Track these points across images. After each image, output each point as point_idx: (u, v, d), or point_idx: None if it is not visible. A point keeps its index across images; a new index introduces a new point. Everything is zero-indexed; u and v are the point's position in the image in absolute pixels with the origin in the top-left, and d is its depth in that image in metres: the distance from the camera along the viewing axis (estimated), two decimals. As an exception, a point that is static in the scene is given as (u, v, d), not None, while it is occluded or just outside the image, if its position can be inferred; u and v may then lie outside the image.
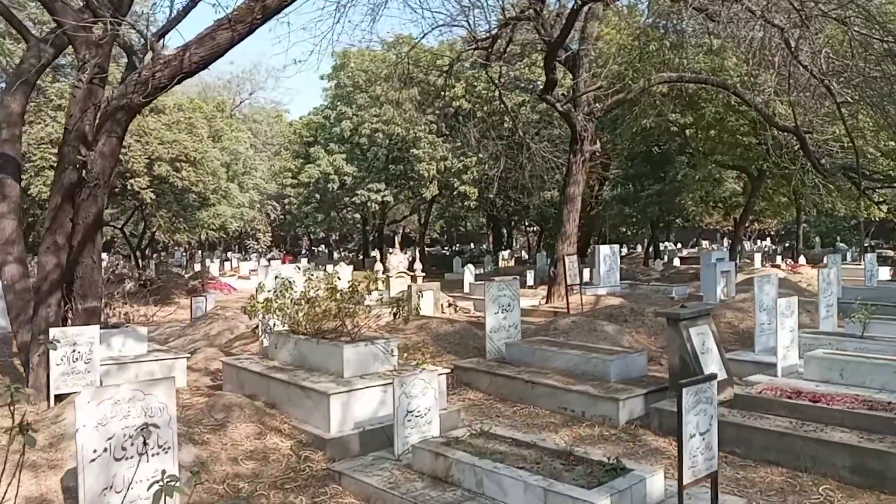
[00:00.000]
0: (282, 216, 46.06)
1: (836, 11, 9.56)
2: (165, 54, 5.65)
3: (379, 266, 21.33)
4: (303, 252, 52.24)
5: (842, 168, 15.64)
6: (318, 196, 36.21)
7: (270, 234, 50.98)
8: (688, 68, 15.95)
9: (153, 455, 4.17)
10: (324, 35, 27.43)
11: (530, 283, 21.98)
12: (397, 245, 25.79)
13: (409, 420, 5.37)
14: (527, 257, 38.84)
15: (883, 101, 11.25)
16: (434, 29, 14.71)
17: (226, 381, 7.37)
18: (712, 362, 6.89)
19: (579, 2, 12.61)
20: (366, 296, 7.48)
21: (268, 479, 5.11)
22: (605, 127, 22.56)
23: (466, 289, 21.10)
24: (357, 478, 4.94)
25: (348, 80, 34.37)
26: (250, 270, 29.18)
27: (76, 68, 6.68)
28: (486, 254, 38.68)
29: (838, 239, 42.92)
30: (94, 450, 3.99)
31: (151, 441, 4.08)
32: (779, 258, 33.63)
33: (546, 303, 15.68)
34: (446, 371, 6.77)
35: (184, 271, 32.19)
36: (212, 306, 15.73)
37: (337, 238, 60.60)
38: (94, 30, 5.94)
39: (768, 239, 54.12)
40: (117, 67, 14.45)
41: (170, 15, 7.23)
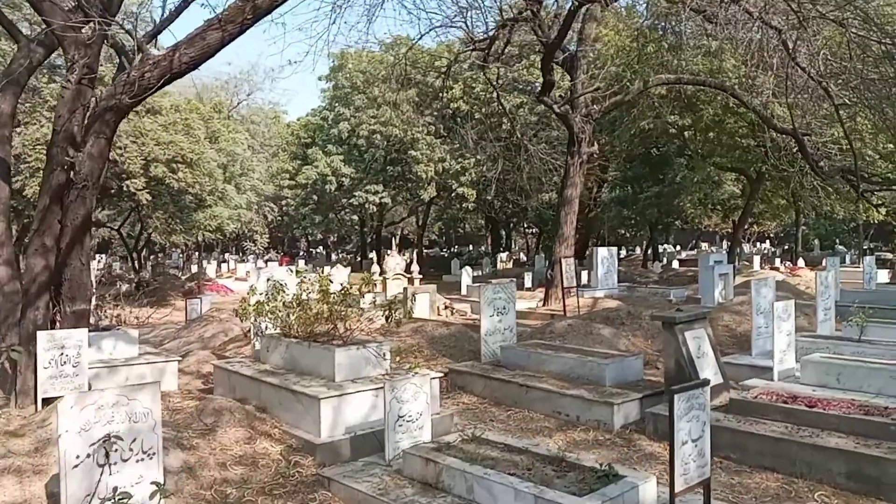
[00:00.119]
0: (279, 218, 45.98)
1: (833, 13, 9.51)
2: (155, 54, 5.57)
3: (375, 268, 21.24)
4: (301, 254, 52.14)
5: (840, 170, 15.59)
6: (315, 197, 36.15)
7: (268, 235, 50.90)
8: (686, 70, 15.91)
9: (138, 461, 4.11)
10: (319, 36, 27.18)
11: (528, 285, 21.91)
12: (394, 247, 25.72)
13: (401, 425, 5.31)
14: (525, 259, 38.76)
15: (881, 104, 11.18)
16: (431, 30, 14.69)
17: (217, 384, 7.30)
18: (708, 366, 6.82)
19: (576, 2, 12.55)
20: (360, 299, 7.42)
21: (256, 484, 5.05)
22: (604, 129, 22.51)
23: (464, 291, 21.01)
24: (346, 484, 4.87)
25: (346, 81, 34.31)
26: (247, 272, 29.12)
27: (65, 69, 6.62)
28: (484, 256, 38.59)
29: (838, 241, 42.83)
30: (77, 455, 3.93)
31: (119, 452, 3.99)
32: (778, 261, 33.56)
33: (543, 305, 15.62)
34: (439, 375, 6.70)
35: (181, 273, 32.17)
36: (207, 308, 15.69)
37: (335, 240, 60.53)
38: (83, 30, 5.88)
39: (768, 241, 54.04)
40: (112, 68, 14.40)
41: (162, 15, 7.16)
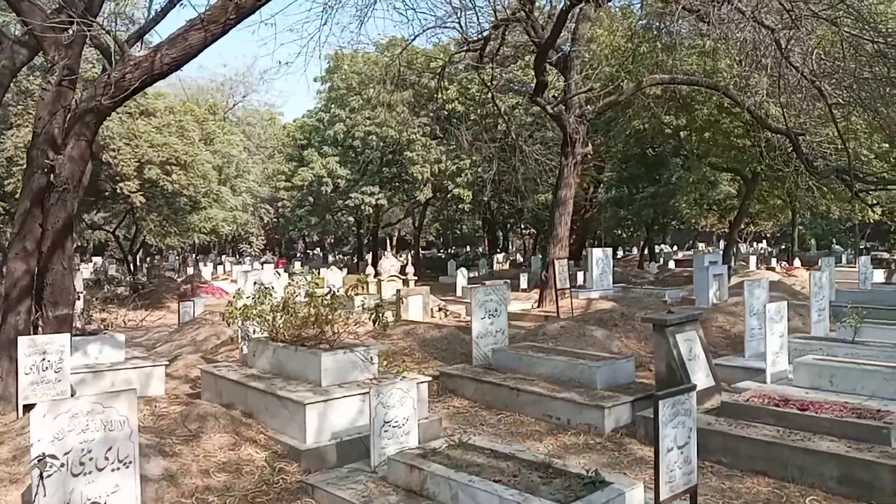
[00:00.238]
0: (275, 219, 45.86)
1: (826, 12, 9.45)
2: (136, 55, 5.49)
3: (370, 270, 21.15)
4: (298, 255, 52.04)
5: (835, 170, 15.51)
6: (311, 199, 36.05)
7: (264, 237, 50.79)
8: (680, 70, 15.84)
9: (113, 470, 4.02)
10: (311, 37, 27.23)
11: (524, 286, 21.81)
12: (389, 248, 25.63)
13: (386, 431, 5.22)
14: (522, 260, 38.71)
15: (875, 103, 11.13)
16: (424, 31, 14.70)
17: (204, 389, 7.21)
18: (699, 369, 6.75)
19: (569, 2, 12.49)
20: (349, 302, 7.33)
21: (239, 492, 4.96)
22: (599, 129, 22.46)
23: (459, 292, 20.92)
24: (330, 491, 4.79)
25: (342, 82, 34.24)
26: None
27: (45, 70, 6.53)
28: (481, 257, 38.52)
29: (834, 241, 42.84)
30: (50, 465, 3.84)
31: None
32: (774, 261, 33.53)
33: (537, 307, 15.54)
34: (427, 379, 6.61)
35: (177, 275, 32.05)
36: (201, 311, 15.56)
37: (332, 241, 60.43)
38: (65, 30, 5.79)
39: (764, 241, 54.04)
40: (100, 69, 14.31)
41: (147, 16, 7.08)
